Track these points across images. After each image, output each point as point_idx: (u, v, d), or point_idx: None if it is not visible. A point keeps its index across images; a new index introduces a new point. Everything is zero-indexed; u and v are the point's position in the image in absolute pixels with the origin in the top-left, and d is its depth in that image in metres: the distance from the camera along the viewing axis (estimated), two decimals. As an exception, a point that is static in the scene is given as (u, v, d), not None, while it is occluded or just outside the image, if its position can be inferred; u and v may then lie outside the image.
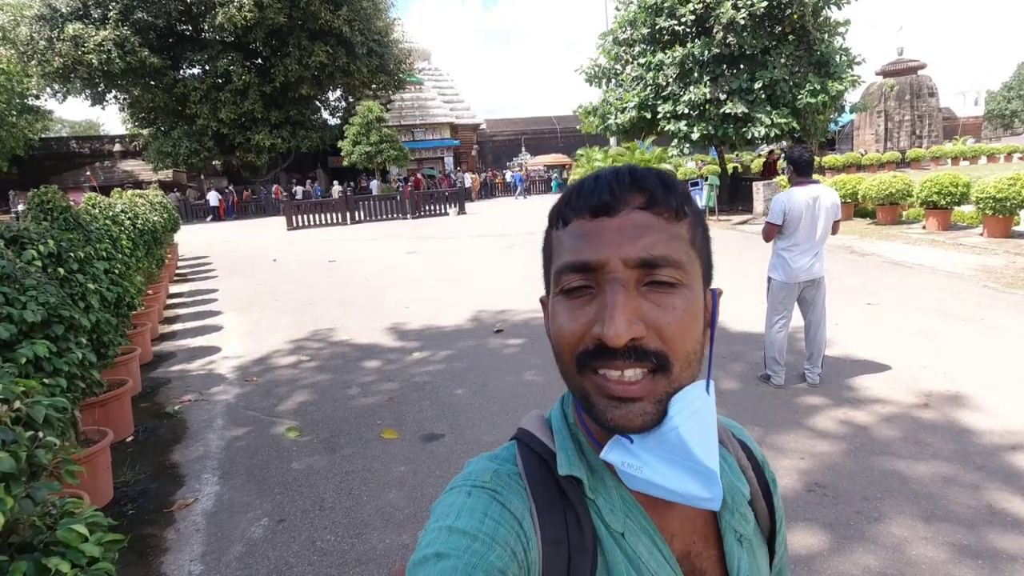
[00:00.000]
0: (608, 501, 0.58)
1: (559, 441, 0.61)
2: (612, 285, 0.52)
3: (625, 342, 0.51)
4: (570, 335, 0.54)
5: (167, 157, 28.92)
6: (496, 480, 0.58)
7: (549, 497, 0.58)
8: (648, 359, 0.52)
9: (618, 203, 0.55)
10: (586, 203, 0.56)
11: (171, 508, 3.29)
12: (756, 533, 0.67)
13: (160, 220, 8.23)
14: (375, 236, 17.56)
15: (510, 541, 0.54)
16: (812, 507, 2.88)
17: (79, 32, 24.85)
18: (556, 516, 0.57)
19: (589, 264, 0.54)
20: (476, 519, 0.54)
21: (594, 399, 0.53)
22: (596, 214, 0.55)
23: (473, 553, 0.51)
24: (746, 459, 0.70)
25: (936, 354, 4.78)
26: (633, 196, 0.55)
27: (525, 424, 0.65)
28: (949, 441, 3.40)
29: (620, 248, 0.53)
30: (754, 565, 0.64)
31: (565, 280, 0.55)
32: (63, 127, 52.96)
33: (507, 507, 0.56)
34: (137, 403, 4.86)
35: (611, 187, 0.55)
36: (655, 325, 0.52)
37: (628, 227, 0.54)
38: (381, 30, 30.37)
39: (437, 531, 0.54)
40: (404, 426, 4.15)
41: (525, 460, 0.61)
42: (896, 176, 12.04)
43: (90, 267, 3.29)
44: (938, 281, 7.30)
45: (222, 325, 7.54)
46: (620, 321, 0.50)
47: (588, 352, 0.53)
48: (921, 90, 32.14)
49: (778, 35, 14.83)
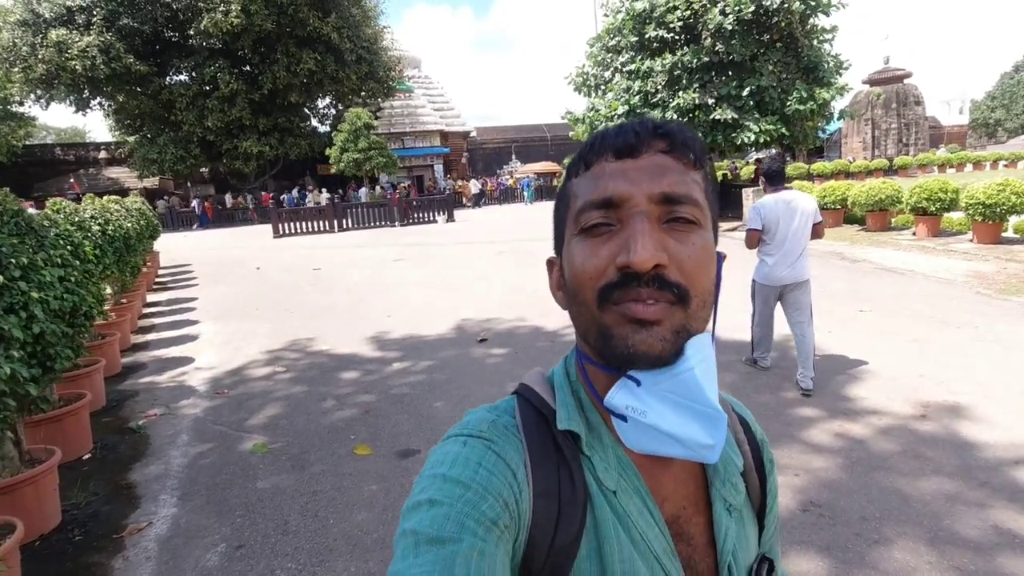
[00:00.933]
0: (604, 459, 0.59)
1: (560, 396, 0.62)
2: (636, 217, 0.54)
3: (651, 267, 0.52)
4: (593, 269, 0.55)
5: (153, 164, 28.53)
6: (492, 430, 0.59)
7: (544, 451, 0.58)
8: (669, 289, 0.53)
9: (641, 145, 0.57)
10: (610, 145, 0.58)
11: (122, 533, 3.05)
12: (746, 505, 0.67)
13: (134, 227, 7.97)
14: (362, 243, 17.33)
15: (503, 491, 0.54)
16: (808, 528, 2.70)
17: (63, 38, 24.51)
18: (550, 469, 0.57)
19: (612, 199, 0.55)
20: (470, 468, 0.55)
21: (615, 329, 0.54)
22: (620, 155, 0.57)
23: (466, 502, 0.52)
24: (743, 434, 0.70)
25: (932, 362, 4.63)
26: (656, 140, 0.57)
27: (527, 380, 0.66)
28: (950, 455, 3.24)
29: (643, 185, 0.55)
30: (742, 535, 0.65)
31: (586, 218, 0.56)
32: (48, 134, 52.37)
33: (502, 457, 0.57)
34: (99, 417, 4.61)
35: (635, 131, 0.57)
36: (676, 258, 0.53)
37: (651, 167, 0.56)
38: (370, 37, 30.22)
39: (431, 478, 0.55)
40: (379, 441, 3.94)
41: (523, 413, 0.62)
42: (885, 182, 12.00)
43: (37, 274, 3.06)
44: (930, 287, 7.19)
45: (198, 335, 7.28)
46: (647, 246, 0.52)
47: (611, 284, 0.54)
48: (907, 99, 32.43)
49: (766, 42, 14.82)
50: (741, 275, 8.51)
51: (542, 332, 6.09)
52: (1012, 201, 9.03)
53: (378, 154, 27.47)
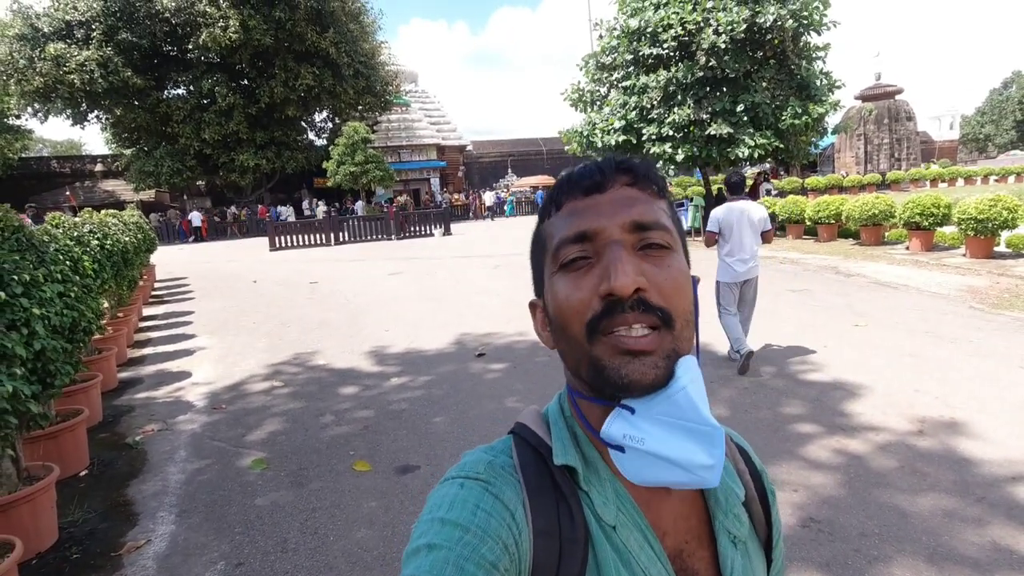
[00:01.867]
0: (601, 493, 0.59)
1: (555, 432, 0.62)
2: (612, 246, 0.56)
3: (632, 291, 0.53)
4: (577, 303, 0.56)
5: (149, 177, 28.55)
6: (489, 471, 0.59)
7: (542, 489, 0.58)
8: (653, 313, 0.54)
9: (607, 181, 0.60)
10: (578, 184, 0.61)
11: (120, 551, 3.02)
12: (752, 538, 0.66)
13: (132, 240, 7.97)
14: (359, 257, 17.34)
15: (502, 533, 0.54)
16: (808, 544, 2.71)
17: (61, 52, 24.61)
18: (548, 508, 0.57)
19: (587, 232, 0.57)
20: (468, 511, 0.54)
21: (607, 361, 0.54)
22: (588, 192, 0.60)
23: (465, 545, 0.52)
24: (743, 464, 0.70)
25: (928, 377, 4.67)
26: (620, 175, 0.60)
27: (522, 418, 0.66)
28: (948, 471, 3.26)
29: (615, 216, 0.57)
30: (748, 568, 0.63)
31: (563, 254, 0.58)
32: (44, 147, 52.37)
33: (499, 498, 0.56)
34: (96, 433, 4.58)
35: (600, 169, 0.61)
36: (655, 281, 0.55)
37: (619, 199, 0.59)
38: (368, 52, 30.46)
39: (429, 522, 0.54)
40: (378, 457, 3.93)
41: (520, 453, 0.62)
42: (879, 197, 12.13)
43: (38, 291, 3.07)
44: (924, 302, 7.25)
45: (195, 349, 7.26)
46: (626, 272, 0.54)
47: (597, 315, 0.55)
48: (899, 114, 32.85)
49: (759, 59, 15.02)
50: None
51: (540, 347, 6.10)
52: (1004, 216, 9.14)
53: (375, 168, 27.58)
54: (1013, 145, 58.60)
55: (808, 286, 8.73)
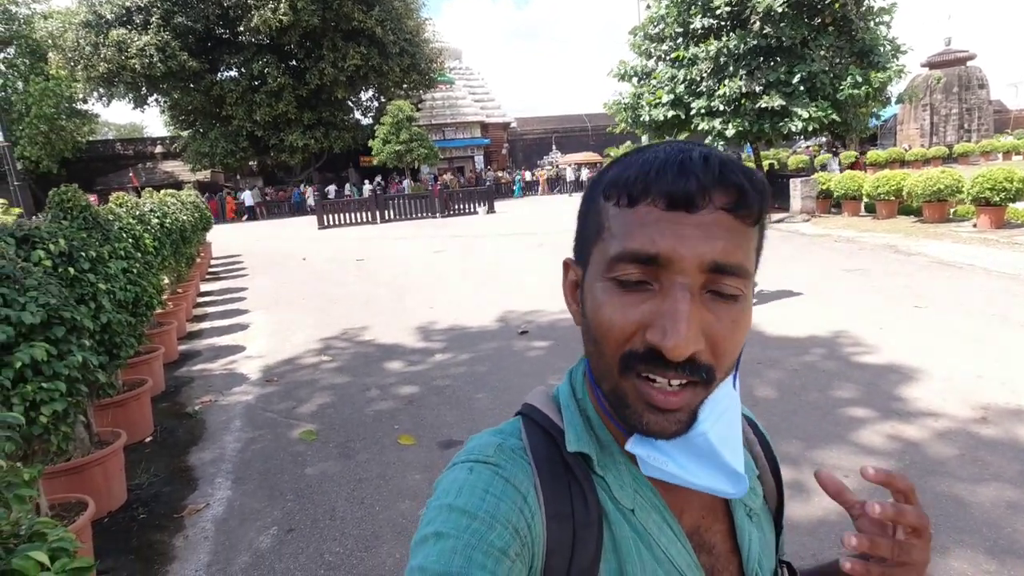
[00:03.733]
0: (618, 477, 0.58)
1: (567, 417, 0.60)
2: (679, 290, 0.48)
3: (685, 357, 0.48)
4: (620, 332, 0.51)
5: (204, 158, 29.61)
6: (499, 454, 0.57)
7: (554, 472, 0.57)
8: (699, 373, 0.50)
9: (702, 199, 0.49)
10: (663, 188, 0.49)
11: (182, 513, 3.22)
12: (764, 509, 0.66)
13: (190, 219, 8.31)
14: (404, 235, 17.59)
15: (512, 517, 0.52)
16: (857, 532, 2.63)
17: (123, 37, 25.60)
18: (561, 491, 0.55)
19: (658, 258, 0.49)
20: (476, 496, 0.53)
21: (632, 403, 0.52)
22: (674, 205, 0.49)
23: (473, 533, 0.50)
24: (752, 434, 0.69)
25: (993, 362, 4.42)
26: (719, 193, 0.49)
27: (530, 399, 0.64)
28: (1012, 461, 3.09)
29: (695, 248, 0.48)
30: (764, 540, 0.63)
31: (621, 269, 0.50)
32: (108, 130, 54.90)
33: (510, 482, 0.55)
34: (159, 402, 4.86)
35: (698, 177, 0.48)
36: (712, 340, 0.50)
37: (707, 227, 0.49)
38: (412, 30, 30.47)
39: (437, 509, 0.53)
40: (422, 431, 4.02)
41: (530, 435, 0.60)
42: (944, 171, 11.43)
43: (103, 267, 3.24)
44: (992, 283, 6.83)
45: (248, 324, 7.56)
46: (686, 334, 0.47)
47: (636, 355, 0.50)
48: (970, 82, 30.70)
49: (817, 26, 14.24)
50: (792, 267, 8.29)
51: (582, 325, 6.08)
52: (1087, 191, 8.47)
53: (419, 145, 27.75)
54: (1101, 113, 54.00)
55: (864, 265, 8.35)
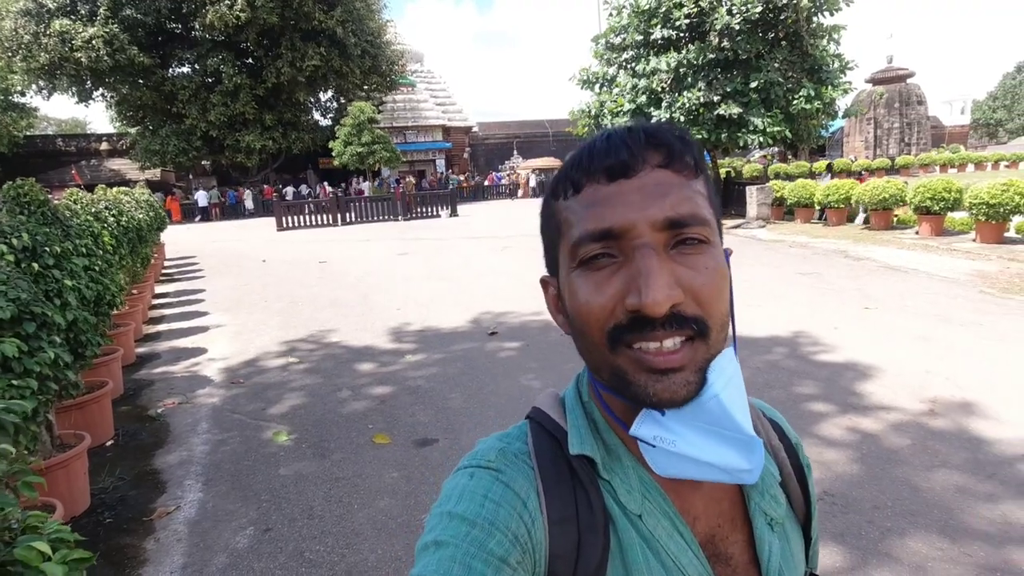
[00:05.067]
0: (625, 481, 0.56)
1: (571, 420, 0.59)
2: (642, 250, 0.49)
3: (666, 310, 0.47)
4: (599, 309, 0.50)
5: (154, 156, 28.51)
6: (501, 459, 0.56)
7: (559, 476, 0.55)
8: (688, 326, 0.48)
9: (636, 162, 0.51)
10: (600, 165, 0.52)
11: (151, 516, 3.12)
12: (789, 517, 0.63)
13: (145, 218, 8.02)
14: (366, 237, 17.38)
15: (511, 524, 0.51)
16: (822, 516, 2.77)
17: (66, 28, 24.46)
18: (565, 495, 0.54)
19: (612, 230, 0.50)
20: (476, 503, 0.52)
21: (632, 376, 0.50)
22: (613, 176, 0.51)
23: (472, 541, 0.50)
24: (778, 440, 0.66)
25: (938, 359, 4.71)
26: (651, 154, 0.51)
27: (538, 403, 0.63)
28: (959, 449, 3.32)
29: (645, 210, 0.49)
30: (787, 550, 0.60)
31: (584, 251, 0.51)
32: (48, 125, 52.24)
33: (510, 487, 0.54)
34: (118, 406, 4.67)
35: (627, 145, 0.51)
36: (691, 289, 0.49)
37: (650, 187, 0.50)
38: (374, 31, 30.19)
39: (439, 516, 0.53)
40: (396, 431, 4.01)
41: (536, 439, 0.59)
42: (890, 181, 12.07)
43: (68, 263, 3.12)
44: (934, 286, 7.26)
45: (209, 326, 7.35)
46: (659, 287, 0.47)
47: (622, 326, 0.49)
48: (910, 98, 32.47)
49: (771, 40, 14.85)
50: (749, 271, 8.60)
51: (553, 326, 6.15)
52: (1016, 201, 9.10)
53: (381, 148, 27.48)
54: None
55: (818, 269, 8.74)
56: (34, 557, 1.17)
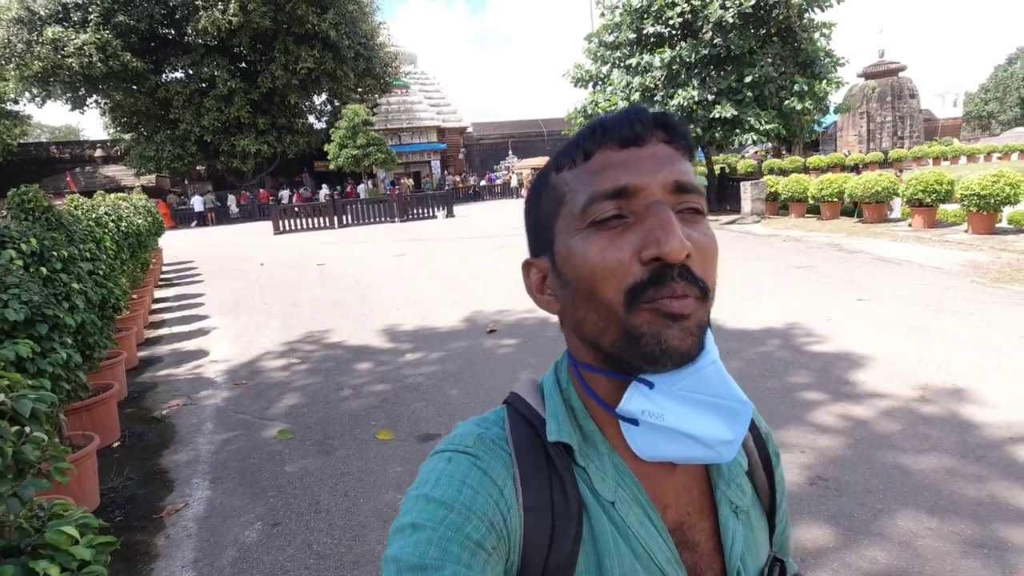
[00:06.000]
0: (600, 468, 0.57)
1: (550, 406, 0.60)
2: (657, 206, 0.52)
3: (684, 256, 0.50)
4: (616, 264, 0.51)
5: (149, 162, 28.54)
6: (479, 445, 0.57)
7: (535, 463, 0.56)
8: (696, 284, 0.51)
9: (646, 133, 0.55)
10: (613, 135, 0.55)
11: (160, 514, 3.18)
12: (755, 505, 0.65)
13: (144, 223, 8.08)
14: (363, 239, 17.43)
15: (488, 510, 0.52)
16: (816, 500, 2.86)
17: (59, 35, 24.47)
18: (540, 482, 0.55)
19: (628, 188, 0.52)
20: (454, 487, 0.53)
21: (646, 327, 0.51)
22: (625, 144, 0.55)
23: (448, 524, 0.51)
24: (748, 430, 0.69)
25: (930, 348, 4.80)
26: (657, 130, 0.55)
27: (517, 388, 0.64)
28: (949, 433, 3.40)
29: (657, 173, 0.53)
30: (751, 538, 0.62)
31: (596, 210, 0.53)
32: (42, 132, 52.15)
33: (487, 473, 0.55)
34: (123, 408, 4.73)
35: (639, 119, 0.55)
36: (697, 251, 0.52)
37: (659, 155, 0.54)
38: (367, 33, 30.25)
39: (415, 499, 0.53)
40: (399, 427, 4.08)
41: (513, 425, 0.60)
42: (882, 175, 12.17)
43: (74, 267, 3.19)
44: (927, 277, 7.36)
45: (209, 329, 7.40)
46: (677, 236, 0.50)
47: (641, 284, 0.51)
48: (902, 92, 32.63)
49: (763, 36, 14.95)
50: (744, 266, 8.68)
51: (550, 323, 6.23)
52: (1006, 192, 9.21)
53: (376, 150, 27.54)
54: (1017, 122, 58.18)
55: (812, 262, 8.84)
56: (64, 540, 1.24)
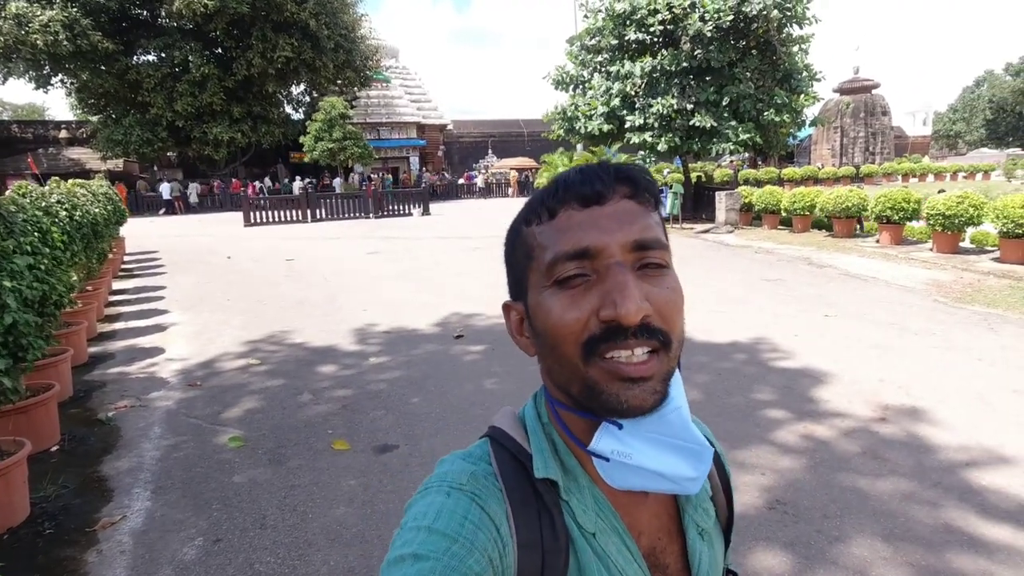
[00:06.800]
0: (581, 501, 0.59)
1: (535, 442, 0.61)
2: (616, 268, 0.53)
3: (639, 320, 0.52)
4: (574, 322, 0.54)
5: (117, 146, 27.64)
6: (474, 482, 0.58)
7: (524, 499, 0.58)
8: (655, 337, 0.53)
9: (607, 192, 0.56)
10: (575, 194, 0.56)
11: (95, 527, 3.01)
12: (715, 526, 0.69)
13: (102, 212, 7.76)
14: (336, 235, 17.14)
15: (488, 547, 0.53)
16: (773, 525, 2.82)
17: (23, 10, 23.53)
18: (531, 518, 0.57)
19: (589, 250, 0.54)
20: (456, 521, 0.53)
21: (604, 385, 0.53)
22: (587, 203, 0.56)
23: (452, 556, 0.51)
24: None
25: (892, 367, 4.84)
26: (619, 186, 0.57)
27: (498, 422, 0.65)
28: (907, 456, 3.41)
29: (616, 233, 0.54)
30: (713, 558, 0.66)
31: (560, 270, 0.55)
32: (4, 110, 50.25)
33: (486, 511, 0.55)
34: (66, 408, 4.50)
35: (599, 177, 0.57)
36: (656, 304, 0.54)
37: (619, 213, 0.55)
38: (348, 25, 29.80)
39: (415, 531, 0.53)
40: (356, 436, 3.95)
41: (499, 460, 0.61)
42: (852, 191, 12.38)
43: (8, 262, 2.99)
44: (892, 294, 7.48)
45: (167, 324, 7.14)
46: (633, 299, 0.51)
47: (596, 337, 0.53)
48: (875, 108, 33.40)
49: (742, 49, 15.11)
50: (716, 275, 8.71)
51: (519, 330, 6.15)
52: (970, 213, 9.43)
53: (353, 144, 27.14)
54: (982, 143, 60.16)
55: (781, 276, 8.92)
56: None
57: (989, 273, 8.39)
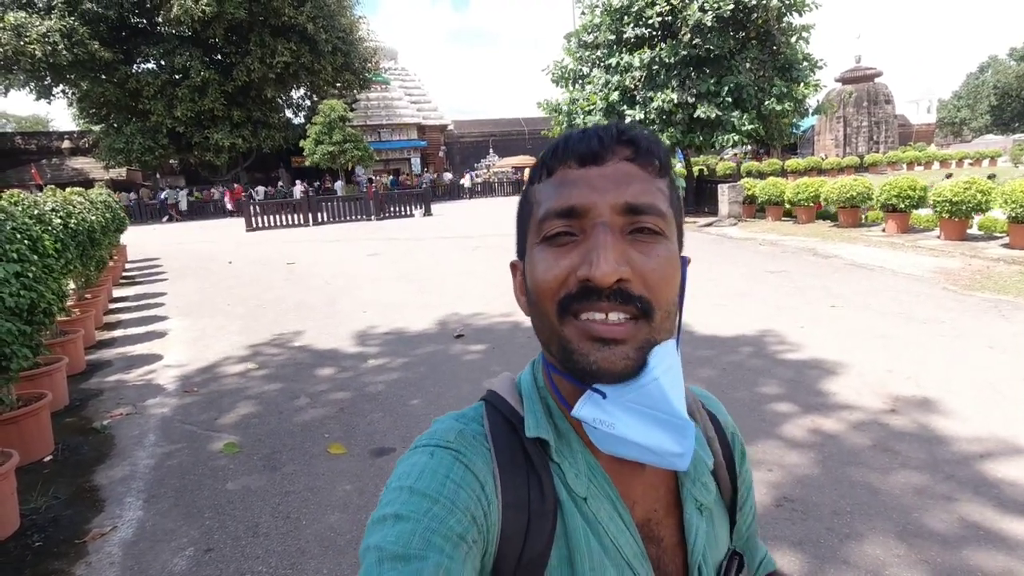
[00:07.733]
0: (573, 465, 0.58)
1: (528, 404, 0.61)
2: (599, 228, 0.52)
3: (612, 281, 0.51)
4: (552, 279, 0.54)
5: (119, 154, 27.67)
6: (460, 440, 0.58)
7: (513, 460, 0.57)
8: (632, 303, 0.52)
9: (606, 152, 0.55)
10: (573, 152, 0.56)
11: (84, 538, 2.94)
12: (718, 503, 0.67)
13: (100, 219, 7.71)
14: (337, 238, 17.09)
15: (470, 505, 0.53)
16: (782, 523, 2.72)
17: (21, 21, 23.58)
18: (519, 479, 0.56)
19: (575, 209, 0.54)
20: (437, 481, 0.53)
21: (575, 344, 0.53)
22: (584, 163, 0.55)
23: (433, 517, 0.51)
24: (713, 431, 0.70)
25: (900, 358, 4.72)
26: (620, 148, 0.56)
27: (494, 386, 0.65)
28: (918, 449, 3.30)
29: (607, 194, 0.53)
30: (712, 533, 0.64)
31: (548, 227, 0.55)
32: (8, 122, 50.55)
33: (470, 468, 0.55)
34: (61, 418, 4.45)
35: (599, 137, 0.56)
36: (640, 271, 0.52)
37: (616, 175, 0.54)
38: (346, 27, 29.75)
39: (398, 491, 0.53)
40: (353, 440, 3.87)
41: (492, 421, 0.60)
42: (857, 180, 12.22)
43: (-9, 270, 2.92)
44: (899, 283, 7.34)
45: (167, 331, 7.10)
46: (609, 260, 0.51)
47: (571, 296, 0.52)
48: (878, 97, 33.13)
49: (742, 39, 14.95)
50: (719, 269, 8.62)
51: (520, 328, 6.06)
52: (977, 199, 9.27)
53: (353, 147, 27.10)
54: (987, 129, 59.60)
55: (786, 267, 8.80)
56: None
57: (998, 259, 8.23)
